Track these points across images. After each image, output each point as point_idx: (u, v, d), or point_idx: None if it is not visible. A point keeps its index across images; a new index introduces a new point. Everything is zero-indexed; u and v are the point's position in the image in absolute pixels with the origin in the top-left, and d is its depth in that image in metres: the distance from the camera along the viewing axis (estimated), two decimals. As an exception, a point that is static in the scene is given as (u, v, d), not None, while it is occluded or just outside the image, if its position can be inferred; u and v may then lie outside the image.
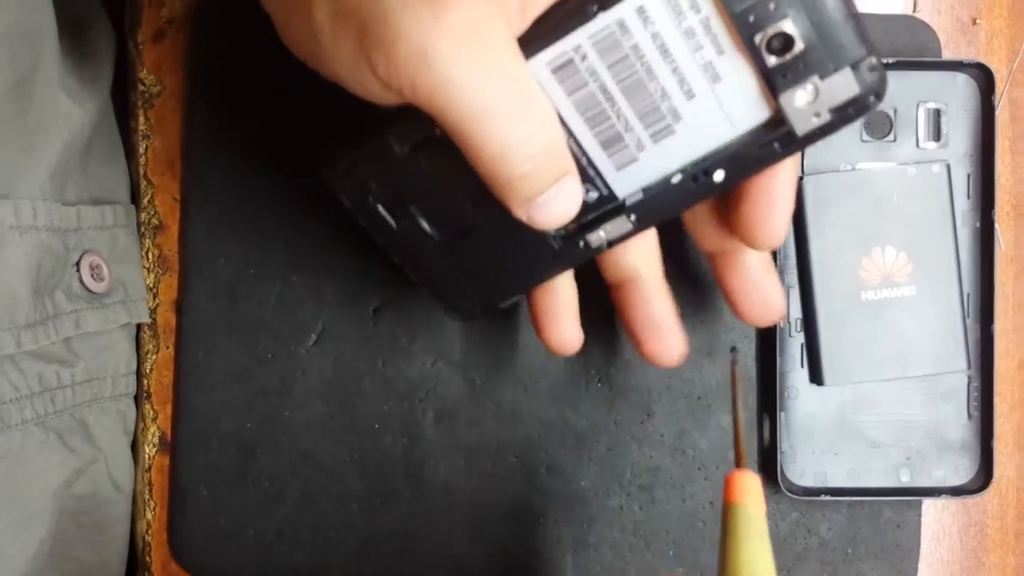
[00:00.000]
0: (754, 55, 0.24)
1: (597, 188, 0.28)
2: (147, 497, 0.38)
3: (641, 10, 0.24)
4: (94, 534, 0.36)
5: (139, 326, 0.38)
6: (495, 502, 0.38)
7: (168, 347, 0.38)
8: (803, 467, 0.37)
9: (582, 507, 0.38)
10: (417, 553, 0.38)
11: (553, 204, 0.26)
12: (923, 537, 0.38)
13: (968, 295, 0.37)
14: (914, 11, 0.38)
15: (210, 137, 0.38)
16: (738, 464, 0.29)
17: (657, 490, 0.38)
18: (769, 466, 0.37)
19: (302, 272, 0.38)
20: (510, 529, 0.38)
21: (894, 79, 0.35)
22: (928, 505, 0.38)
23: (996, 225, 0.37)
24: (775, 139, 0.26)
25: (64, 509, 0.34)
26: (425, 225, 0.30)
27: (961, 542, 0.38)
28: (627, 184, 0.28)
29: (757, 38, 0.24)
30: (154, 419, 0.38)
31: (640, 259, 0.32)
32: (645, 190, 0.28)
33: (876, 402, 0.37)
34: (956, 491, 0.37)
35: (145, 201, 0.38)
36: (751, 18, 0.24)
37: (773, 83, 0.25)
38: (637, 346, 0.33)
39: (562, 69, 0.25)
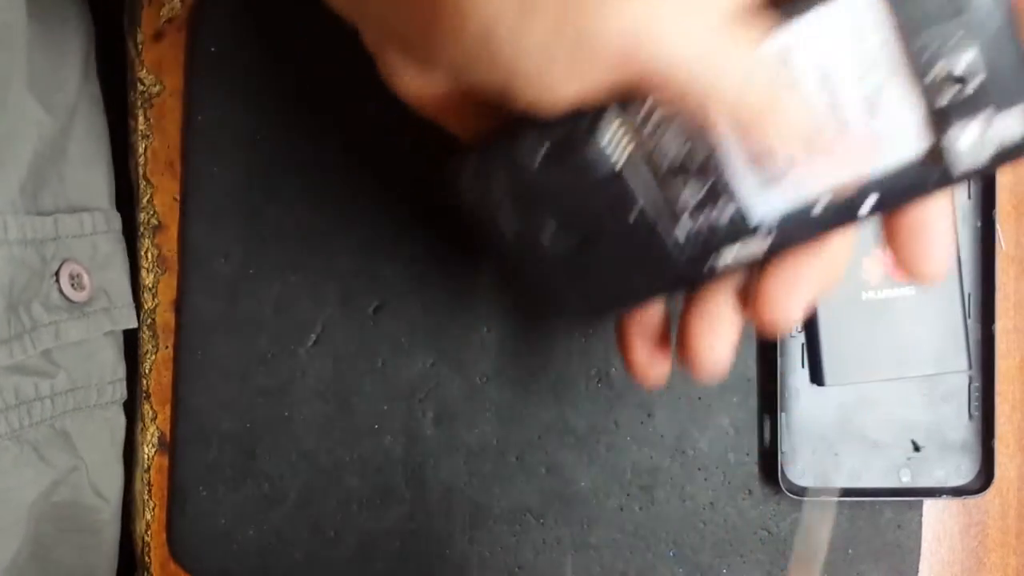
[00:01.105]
0: (924, 88, 0.23)
1: (736, 205, 0.26)
2: (146, 497, 0.38)
3: (818, 24, 0.23)
4: (77, 538, 0.36)
5: (138, 327, 0.38)
6: (495, 502, 0.38)
7: (167, 347, 0.38)
8: (804, 467, 0.37)
9: (582, 507, 0.38)
10: (417, 553, 0.38)
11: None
12: (924, 538, 0.38)
13: (969, 295, 0.37)
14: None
15: (210, 137, 0.38)
16: None
17: (657, 490, 0.38)
18: (769, 466, 0.37)
19: (302, 272, 0.38)
20: (510, 530, 0.38)
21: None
22: (929, 505, 0.38)
23: (997, 224, 0.36)
24: (929, 174, 0.25)
25: (42, 516, 0.34)
26: (543, 236, 0.28)
27: (962, 543, 0.38)
28: (767, 206, 0.26)
29: (932, 72, 0.23)
30: (153, 419, 0.38)
31: None
32: (784, 215, 0.26)
33: (877, 402, 0.37)
34: (957, 491, 0.37)
35: (144, 201, 0.38)
36: (928, 51, 0.23)
37: (938, 118, 0.24)
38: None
39: None
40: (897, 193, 0.25)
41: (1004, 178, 0.37)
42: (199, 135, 0.38)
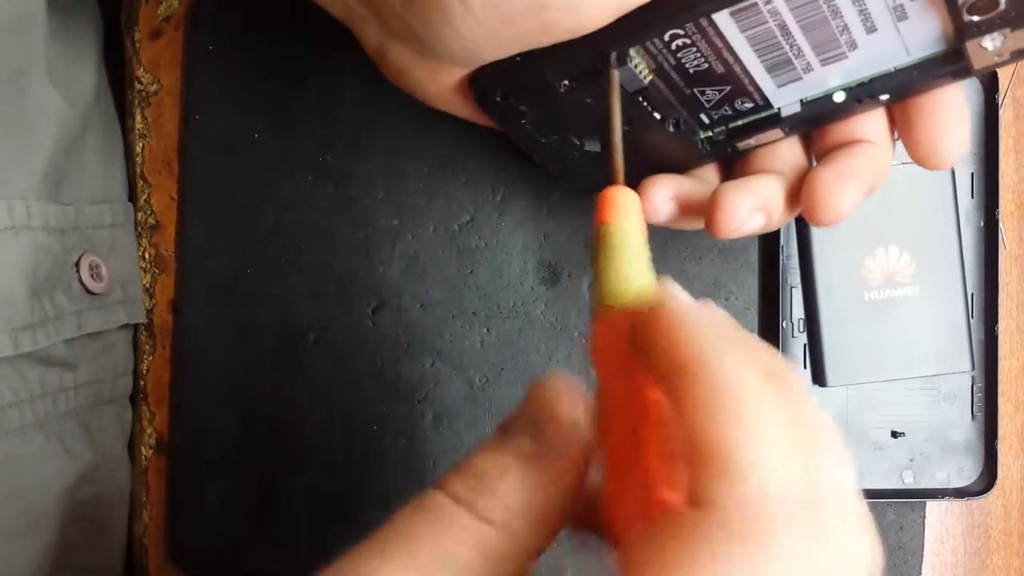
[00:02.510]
0: (953, 12, 0.24)
1: (754, 100, 0.28)
2: (144, 499, 0.38)
3: None
4: (97, 538, 0.36)
5: (136, 326, 0.38)
6: (495, 504, 0.37)
7: (165, 347, 0.38)
8: (805, 468, 0.37)
9: (583, 509, 0.37)
10: (416, 555, 0.37)
11: None
12: (926, 539, 0.37)
13: (972, 295, 0.36)
14: None
15: (208, 136, 0.37)
16: (612, 180, 0.25)
17: (658, 492, 0.37)
18: (771, 467, 0.37)
19: (300, 272, 0.37)
20: (510, 531, 0.37)
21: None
22: (932, 507, 0.38)
23: (1000, 224, 0.36)
24: (947, 70, 0.26)
25: (67, 514, 0.34)
26: (573, 139, 0.30)
27: (965, 544, 0.38)
28: (786, 97, 0.28)
29: (961, 0, 0.24)
30: (151, 420, 0.38)
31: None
32: (803, 103, 0.28)
33: (879, 403, 0.37)
34: (960, 493, 0.37)
35: (141, 200, 0.38)
36: None
37: (963, 32, 0.25)
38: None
39: (743, 11, 0.25)
40: (916, 82, 0.26)
41: (1007, 179, 0.37)
42: (197, 134, 0.37)
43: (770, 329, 0.37)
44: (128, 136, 0.38)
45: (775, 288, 0.37)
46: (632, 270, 0.23)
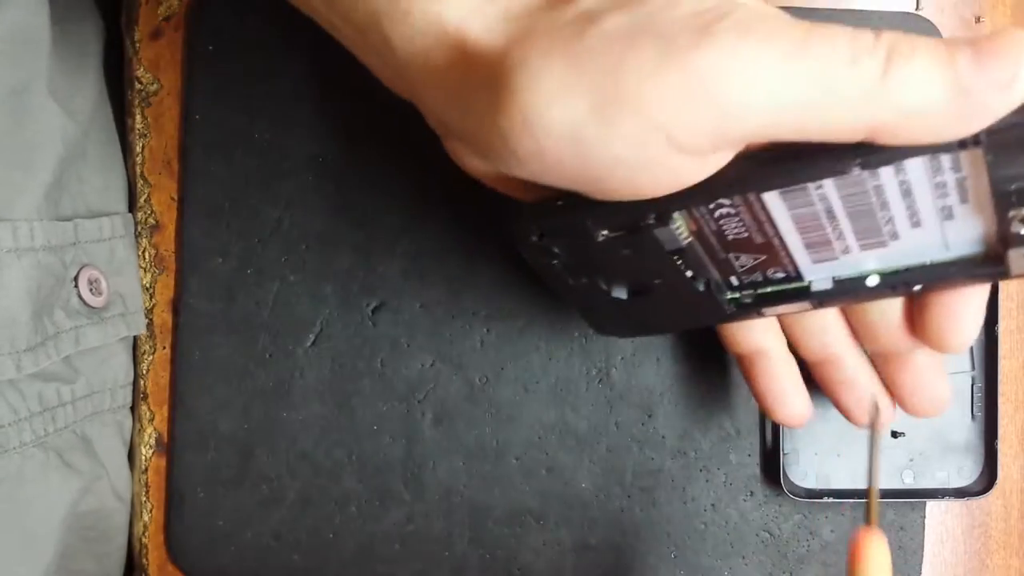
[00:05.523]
0: (1002, 222, 0.24)
1: (787, 272, 0.28)
2: (144, 499, 0.38)
3: (899, 165, 0.24)
4: (98, 546, 0.36)
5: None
6: (495, 504, 0.37)
7: (165, 347, 0.38)
8: (806, 469, 0.37)
9: (583, 509, 0.37)
10: (416, 555, 0.37)
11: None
12: (926, 539, 0.37)
13: (972, 295, 0.36)
14: (917, 9, 0.38)
15: (208, 136, 0.37)
16: (868, 521, 0.28)
17: (658, 492, 0.37)
18: (772, 468, 0.37)
19: (300, 272, 0.37)
20: (510, 531, 0.37)
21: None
22: (931, 507, 0.38)
23: (1000, 225, 0.36)
24: (984, 271, 0.26)
25: (70, 527, 0.34)
26: (602, 285, 0.30)
27: (965, 544, 0.38)
28: (819, 273, 0.28)
29: (1012, 212, 0.24)
30: (151, 420, 0.38)
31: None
32: (835, 280, 0.28)
33: (879, 403, 0.37)
34: (960, 493, 0.37)
35: (141, 200, 0.38)
36: (1015, 197, 0.24)
37: (1008, 240, 0.25)
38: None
39: (792, 192, 0.25)
40: (951, 277, 0.27)
41: (1007, 177, 0.37)
42: (197, 134, 0.38)
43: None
44: (128, 136, 0.38)
45: (775, 288, 0.37)
46: None
